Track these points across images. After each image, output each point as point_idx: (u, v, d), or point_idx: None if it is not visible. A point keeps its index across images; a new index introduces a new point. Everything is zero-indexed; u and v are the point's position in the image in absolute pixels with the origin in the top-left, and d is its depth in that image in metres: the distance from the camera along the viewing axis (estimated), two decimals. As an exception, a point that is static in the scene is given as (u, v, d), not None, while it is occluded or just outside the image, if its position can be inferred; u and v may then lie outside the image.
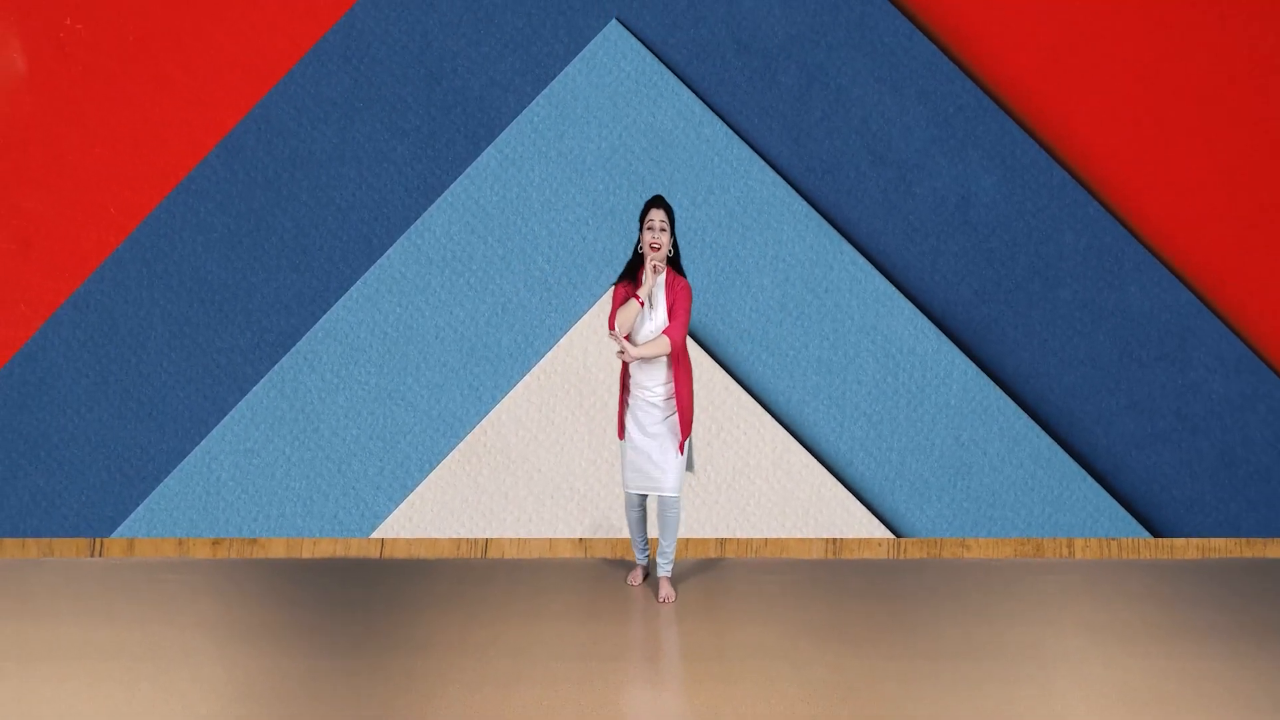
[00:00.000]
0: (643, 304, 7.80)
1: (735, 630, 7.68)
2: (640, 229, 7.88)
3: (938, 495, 9.06)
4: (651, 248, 7.83)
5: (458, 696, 6.78)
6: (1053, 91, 9.08)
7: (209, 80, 8.96)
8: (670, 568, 8.26)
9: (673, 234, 7.89)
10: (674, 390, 7.95)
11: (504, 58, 8.92)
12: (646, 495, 8.19)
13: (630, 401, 7.99)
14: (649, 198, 8.05)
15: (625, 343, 7.82)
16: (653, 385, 7.96)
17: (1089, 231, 9.04)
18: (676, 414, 7.97)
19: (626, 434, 8.02)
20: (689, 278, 8.62)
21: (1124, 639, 7.54)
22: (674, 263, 7.94)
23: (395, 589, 8.35)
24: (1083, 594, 8.31)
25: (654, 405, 7.97)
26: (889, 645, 7.45)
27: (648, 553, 8.46)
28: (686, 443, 8.03)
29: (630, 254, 8.14)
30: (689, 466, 8.15)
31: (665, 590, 8.20)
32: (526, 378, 9.02)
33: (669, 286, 7.91)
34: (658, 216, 7.85)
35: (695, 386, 8.64)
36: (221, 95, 8.96)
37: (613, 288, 7.98)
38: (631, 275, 7.94)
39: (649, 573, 8.52)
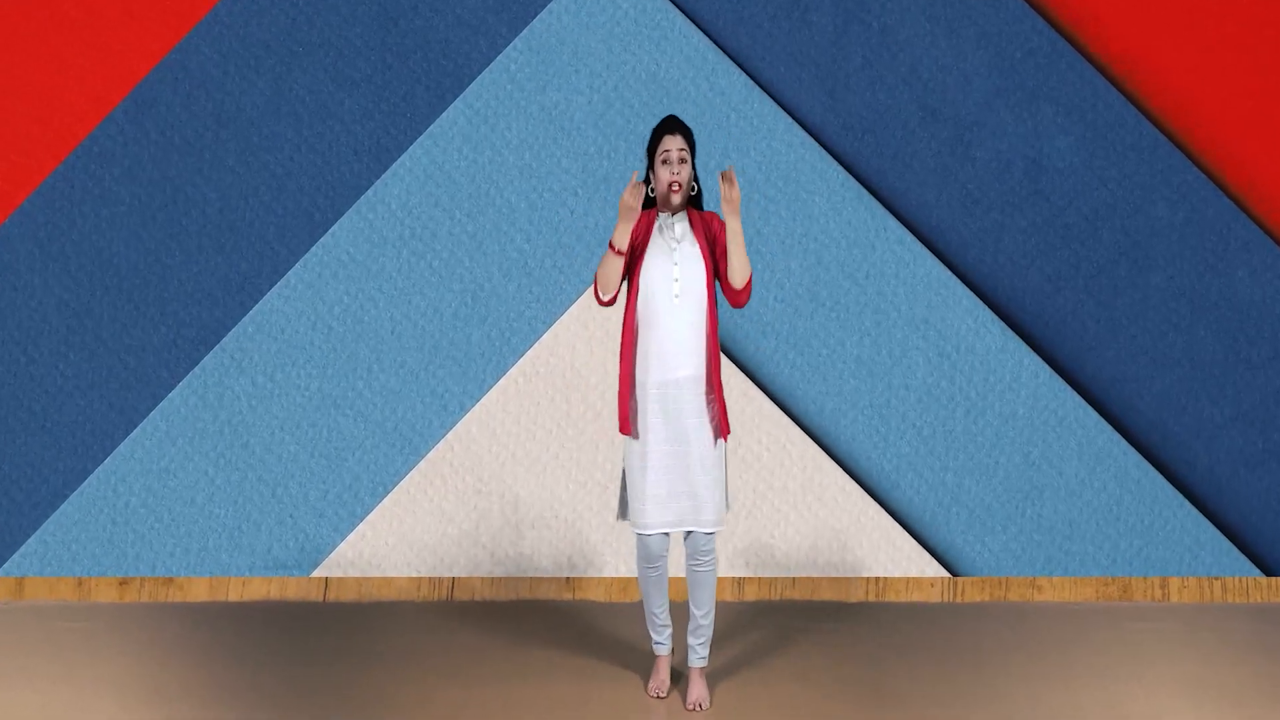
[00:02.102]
0: (623, 254, 6.94)
1: (756, 689, 7.52)
2: (651, 164, 7.12)
3: (1003, 525, 8.96)
4: (673, 189, 7.03)
5: (417, 775, 6.93)
6: (1141, 31, 8.97)
7: (114, 20, 8.85)
8: (706, 653, 7.28)
9: (693, 166, 7.13)
10: (708, 368, 7.05)
11: (474, -9, 8.84)
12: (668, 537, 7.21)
13: (640, 394, 7.05)
14: (660, 120, 7.21)
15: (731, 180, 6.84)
16: (681, 363, 7.01)
17: (1187, 203, 8.94)
18: (714, 402, 7.05)
19: (641, 437, 7.03)
20: None
21: (1231, 699, 7.37)
22: (694, 203, 7.21)
23: (343, 638, 8.23)
24: (1180, 645, 8.20)
25: (681, 390, 7.02)
26: (942, 709, 7.28)
27: (671, 631, 7.47)
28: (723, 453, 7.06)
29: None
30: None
31: (699, 692, 7.21)
32: (502, 382, 8.90)
33: (699, 226, 7.10)
34: (674, 145, 7.01)
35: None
36: (129, 38, 8.85)
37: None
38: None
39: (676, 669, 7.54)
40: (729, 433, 7.07)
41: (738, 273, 6.97)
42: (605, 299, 7.01)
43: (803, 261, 8.84)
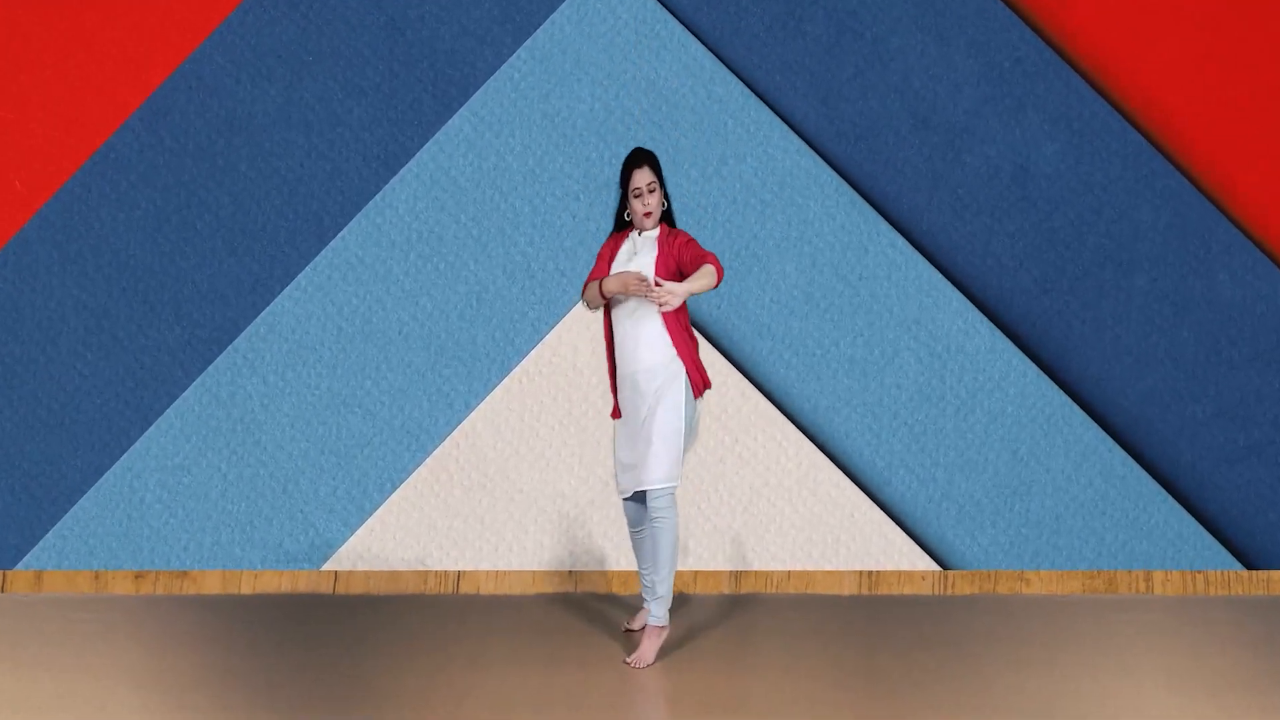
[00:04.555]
0: (605, 299, 7.56)
1: (752, 679, 7.63)
2: (624, 194, 7.60)
3: (992, 520, 9.07)
4: (645, 216, 7.56)
5: (424, 759, 6.89)
6: (1125, 40, 9.11)
7: (130, 29, 8.99)
8: (664, 613, 7.66)
9: (663, 187, 7.58)
10: (674, 348, 7.51)
11: (478, 3, 9.00)
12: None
13: (617, 385, 7.64)
14: (628, 154, 7.66)
15: (663, 285, 7.30)
16: (640, 355, 7.51)
17: (1170, 207, 9.06)
18: (669, 380, 7.49)
19: (620, 419, 7.64)
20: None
21: (1212, 690, 7.42)
22: (666, 217, 7.66)
23: (351, 630, 8.38)
24: (1163, 636, 8.34)
25: (638, 379, 7.50)
26: (933, 698, 7.34)
27: None
28: (686, 409, 7.49)
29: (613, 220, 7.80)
30: (688, 435, 7.55)
31: (640, 650, 7.62)
32: (506, 381, 9.04)
33: (664, 243, 7.54)
34: (644, 180, 7.54)
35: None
36: (146, 47, 8.98)
37: (602, 247, 7.74)
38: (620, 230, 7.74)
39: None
40: (708, 386, 7.58)
41: (702, 292, 7.40)
42: (591, 311, 7.64)
43: (797, 264, 8.98)
